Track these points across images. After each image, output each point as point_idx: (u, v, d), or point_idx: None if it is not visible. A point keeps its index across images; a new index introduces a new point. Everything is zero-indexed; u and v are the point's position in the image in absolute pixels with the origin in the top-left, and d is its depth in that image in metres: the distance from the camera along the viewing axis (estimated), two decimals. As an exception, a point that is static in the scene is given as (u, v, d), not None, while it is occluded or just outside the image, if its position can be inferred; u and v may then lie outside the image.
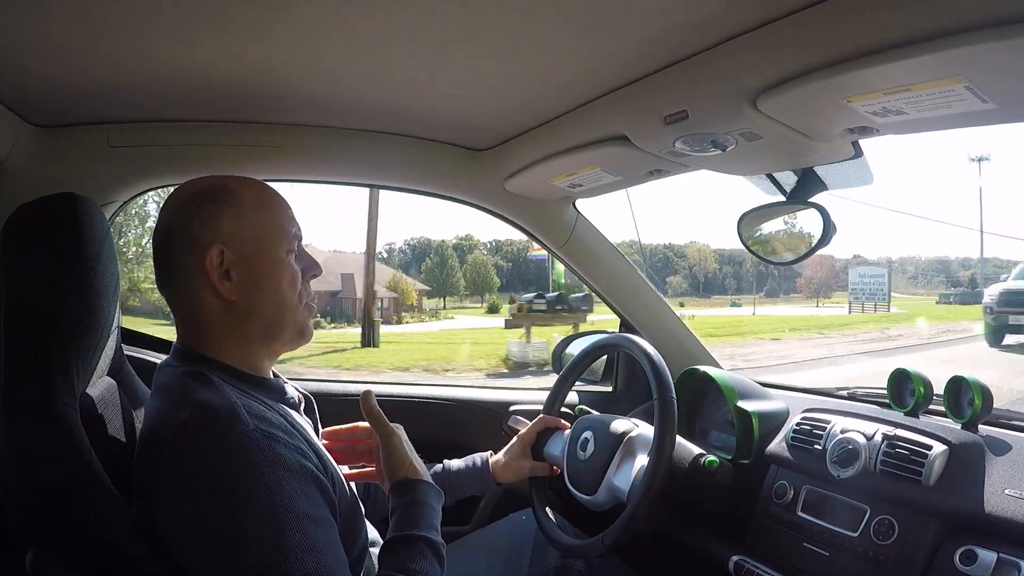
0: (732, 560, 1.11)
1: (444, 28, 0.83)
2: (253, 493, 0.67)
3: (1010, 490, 0.89)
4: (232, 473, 0.67)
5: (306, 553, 0.66)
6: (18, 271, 0.75)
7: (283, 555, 0.65)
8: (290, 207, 0.86)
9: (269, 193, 0.86)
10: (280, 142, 1.26)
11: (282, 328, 0.84)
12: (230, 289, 0.79)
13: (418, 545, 0.80)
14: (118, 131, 1.20)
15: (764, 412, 1.24)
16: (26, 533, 0.72)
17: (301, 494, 0.70)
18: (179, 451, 0.69)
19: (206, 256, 0.78)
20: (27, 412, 0.71)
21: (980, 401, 1.02)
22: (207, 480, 0.67)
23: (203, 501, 0.67)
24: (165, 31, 0.85)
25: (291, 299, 0.83)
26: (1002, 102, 0.71)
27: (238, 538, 0.65)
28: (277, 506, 0.67)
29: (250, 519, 0.66)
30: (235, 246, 0.80)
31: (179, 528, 0.68)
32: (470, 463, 1.20)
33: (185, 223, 0.80)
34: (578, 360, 1.35)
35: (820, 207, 1.06)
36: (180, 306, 0.82)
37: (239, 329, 0.81)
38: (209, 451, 0.68)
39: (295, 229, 0.85)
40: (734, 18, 0.77)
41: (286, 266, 0.83)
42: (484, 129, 1.28)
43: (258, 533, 0.65)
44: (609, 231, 1.56)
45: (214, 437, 0.69)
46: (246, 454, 0.68)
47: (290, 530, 0.67)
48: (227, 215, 0.80)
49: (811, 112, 0.83)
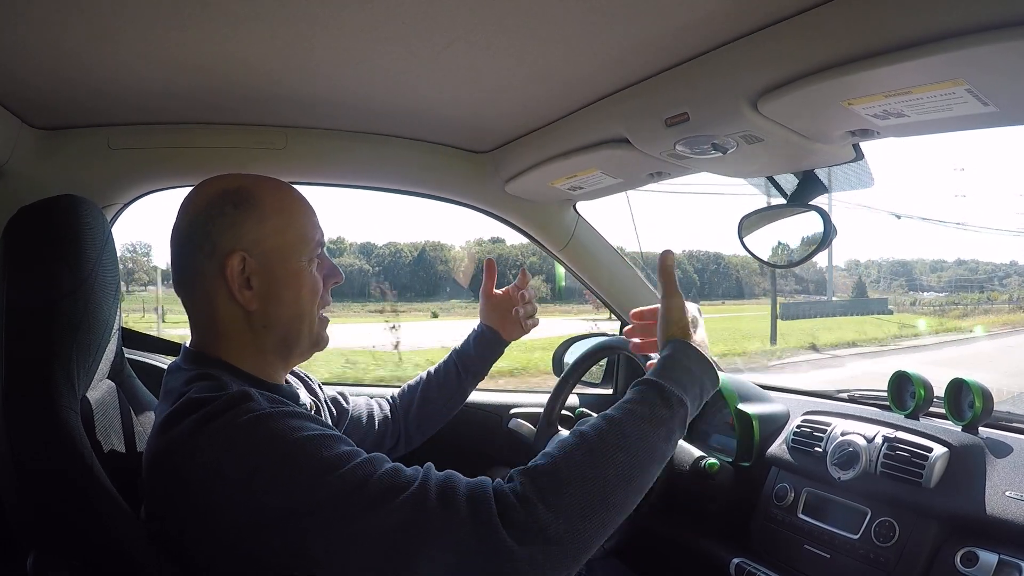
0: (733, 562, 1.11)
1: (445, 31, 0.83)
2: (296, 460, 0.65)
3: (1011, 492, 0.89)
4: (264, 449, 0.65)
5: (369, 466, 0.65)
6: (19, 273, 0.75)
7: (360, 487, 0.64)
8: (314, 212, 0.84)
9: (293, 198, 0.83)
10: (280, 144, 1.26)
11: (298, 340, 0.82)
12: (250, 298, 0.77)
13: (646, 391, 0.74)
14: (119, 133, 1.20)
15: (765, 415, 1.24)
16: (27, 536, 0.71)
17: (332, 443, 0.68)
18: (202, 447, 0.66)
19: (227, 263, 0.76)
20: (28, 415, 0.70)
21: (980, 403, 1.03)
22: (244, 465, 0.65)
23: (254, 482, 0.64)
24: (166, 33, 0.84)
25: (310, 310, 0.81)
26: (1003, 105, 0.71)
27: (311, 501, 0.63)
28: (323, 460, 0.65)
29: (307, 479, 0.64)
30: (257, 254, 0.77)
31: (230, 521, 0.65)
32: (468, 335, 1.21)
33: (206, 226, 0.77)
34: (579, 363, 1.35)
35: (821, 210, 1.06)
36: (196, 309, 0.80)
37: (255, 338, 0.79)
38: (233, 435, 0.66)
39: (319, 235, 0.83)
40: (735, 20, 0.77)
41: (307, 276, 0.81)
42: (485, 131, 1.28)
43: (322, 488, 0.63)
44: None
45: (234, 421, 0.67)
46: (268, 424, 0.67)
47: (346, 470, 0.65)
48: (250, 221, 0.78)
49: (812, 115, 0.83)
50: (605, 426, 0.70)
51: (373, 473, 0.65)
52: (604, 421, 0.71)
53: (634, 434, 0.70)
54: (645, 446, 0.70)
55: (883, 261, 48.97)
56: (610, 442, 0.69)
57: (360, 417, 1.12)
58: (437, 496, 0.64)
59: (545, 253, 1.58)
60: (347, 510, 0.64)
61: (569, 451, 0.68)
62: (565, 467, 0.66)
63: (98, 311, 0.79)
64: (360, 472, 0.65)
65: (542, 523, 0.63)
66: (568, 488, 0.65)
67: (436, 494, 0.65)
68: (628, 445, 0.69)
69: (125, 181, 1.26)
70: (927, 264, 46.02)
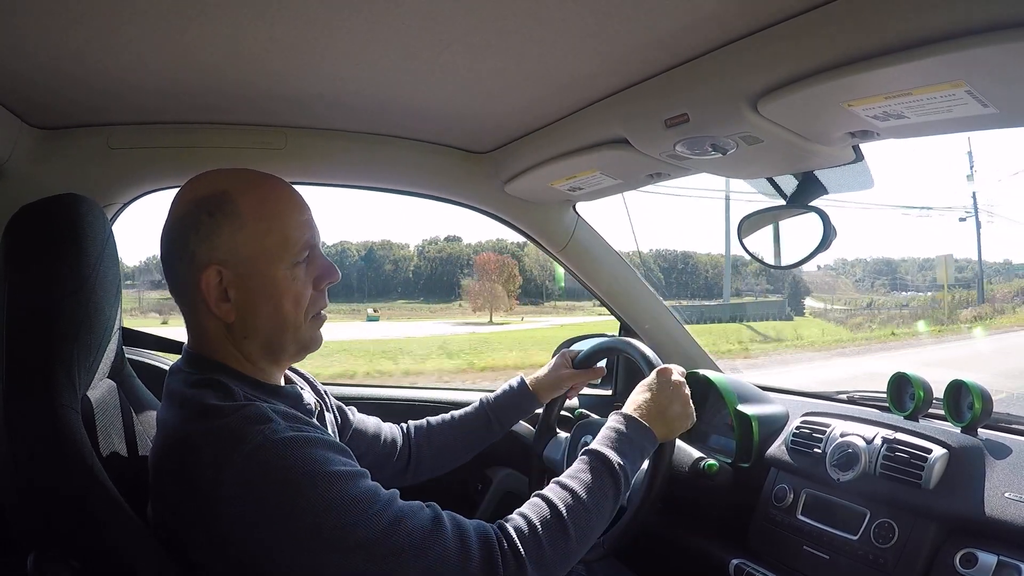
0: (732, 563, 1.11)
1: (444, 31, 0.83)
2: (307, 486, 0.67)
3: (1010, 493, 0.89)
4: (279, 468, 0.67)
5: (377, 507, 0.70)
6: (20, 272, 0.75)
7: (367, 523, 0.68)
8: (303, 209, 0.81)
9: (275, 198, 0.79)
10: (280, 144, 1.26)
11: (283, 347, 0.80)
12: (228, 311, 0.76)
13: (592, 460, 0.87)
14: (119, 133, 1.20)
15: (764, 416, 1.24)
16: (27, 535, 0.71)
17: (342, 462, 0.71)
18: (214, 459, 0.67)
19: (202, 277, 0.75)
20: (28, 414, 0.70)
21: (980, 405, 1.03)
22: (265, 481, 0.66)
23: (265, 501, 0.66)
24: (166, 33, 0.84)
25: (293, 317, 0.79)
26: (1003, 106, 0.71)
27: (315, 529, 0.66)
28: (334, 487, 0.68)
29: (318, 504, 0.67)
30: (233, 265, 0.75)
31: (235, 528, 0.67)
32: (506, 388, 1.23)
33: (183, 237, 0.76)
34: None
35: (820, 211, 1.06)
36: (187, 316, 0.80)
37: (240, 347, 0.79)
38: (249, 454, 0.67)
39: (307, 235, 0.80)
40: (735, 22, 0.77)
41: (288, 284, 0.78)
42: (484, 132, 1.28)
43: (330, 519, 0.67)
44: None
45: (249, 440, 0.67)
46: (286, 447, 0.68)
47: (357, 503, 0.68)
48: (226, 230, 0.75)
49: (812, 116, 0.84)
50: (566, 496, 0.82)
51: (397, 518, 0.70)
52: (565, 491, 0.83)
53: (588, 499, 0.83)
54: (595, 505, 0.83)
55: (868, 260, 48.12)
56: (573, 507, 0.81)
57: (365, 431, 1.12)
58: (455, 542, 0.72)
59: (544, 253, 1.58)
60: (367, 553, 0.67)
61: (544, 518, 0.79)
62: (544, 532, 0.78)
63: (99, 310, 0.80)
64: (387, 516, 0.69)
65: (527, 572, 0.74)
66: (547, 547, 0.77)
67: (454, 541, 0.72)
68: (586, 509, 0.82)
69: (125, 181, 1.26)
70: (919, 263, 45.07)
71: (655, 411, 0.97)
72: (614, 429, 0.93)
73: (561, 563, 0.78)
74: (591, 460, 0.87)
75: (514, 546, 0.74)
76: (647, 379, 1.03)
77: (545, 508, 0.80)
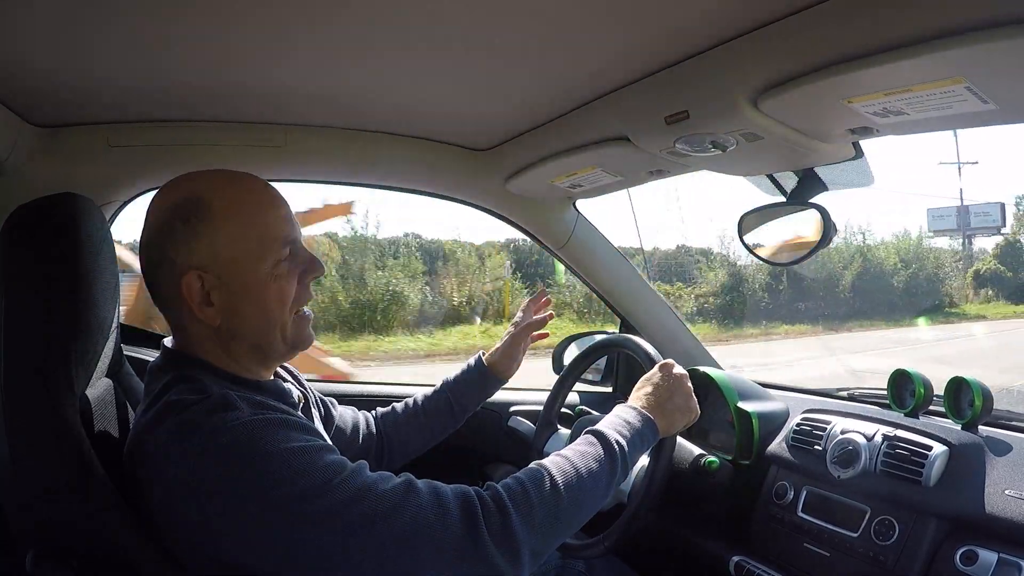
0: (733, 560, 1.11)
1: (444, 28, 0.83)
2: (270, 472, 0.66)
3: (1010, 490, 0.89)
4: (238, 457, 0.66)
5: (344, 477, 0.68)
6: (18, 271, 0.74)
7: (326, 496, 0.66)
8: (280, 205, 0.79)
9: (251, 198, 0.78)
10: (280, 142, 1.26)
11: (271, 346, 0.80)
12: (212, 315, 0.75)
13: (588, 435, 0.87)
14: (118, 131, 1.20)
15: (764, 413, 1.24)
16: (26, 534, 0.71)
17: (303, 439, 0.69)
18: (175, 453, 0.67)
19: (183, 283, 0.74)
20: (27, 412, 0.70)
21: (980, 402, 1.02)
22: (222, 473, 0.65)
23: (229, 498, 0.65)
24: (164, 31, 0.84)
25: (278, 316, 0.78)
26: (1003, 103, 0.71)
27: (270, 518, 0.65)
28: (295, 464, 0.66)
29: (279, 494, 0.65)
30: (213, 269, 0.75)
31: (207, 531, 0.67)
32: (464, 367, 1.22)
33: (161, 246, 0.75)
34: (578, 360, 1.35)
35: (821, 208, 1.05)
36: (171, 323, 0.79)
37: (227, 348, 0.78)
38: (205, 444, 0.66)
39: (287, 232, 0.78)
40: (735, 18, 0.77)
41: (271, 282, 0.77)
42: (485, 129, 1.28)
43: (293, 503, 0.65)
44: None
45: (206, 429, 0.67)
46: (244, 430, 0.67)
47: (319, 474, 0.67)
48: (203, 236, 0.74)
49: (812, 113, 0.83)
50: (562, 461, 0.81)
51: (365, 486, 0.68)
52: (560, 458, 0.82)
53: (583, 468, 0.81)
54: (589, 473, 0.81)
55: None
56: (567, 472, 0.80)
57: (344, 428, 1.11)
58: (430, 502, 0.70)
59: (545, 251, 1.58)
60: (336, 523, 0.66)
61: (536, 477, 0.78)
62: (533, 489, 0.76)
63: (97, 309, 0.79)
64: (353, 485, 0.68)
65: (514, 530, 0.71)
66: (536, 505, 0.75)
67: (429, 501, 0.70)
68: (580, 478, 0.80)
69: (124, 179, 1.26)
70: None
71: (657, 403, 0.97)
72: (616, 415, 0.93)
73: (551, 525, 0.75)
74: (589, 435, 0.88)
75: (499, 499, 0.73)
76: (649, 373, 1.02)
77: (536, 468, 0.80)
